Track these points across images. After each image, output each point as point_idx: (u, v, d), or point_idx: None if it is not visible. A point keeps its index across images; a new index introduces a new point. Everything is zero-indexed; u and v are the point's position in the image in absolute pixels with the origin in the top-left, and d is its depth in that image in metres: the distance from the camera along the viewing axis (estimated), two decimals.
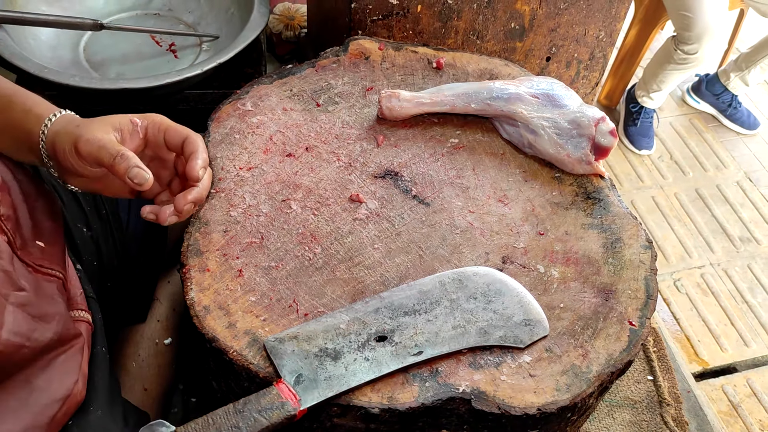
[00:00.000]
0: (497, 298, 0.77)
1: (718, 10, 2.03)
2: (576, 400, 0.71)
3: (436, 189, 0.90)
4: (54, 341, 0.62)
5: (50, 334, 0.62)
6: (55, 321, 0.63)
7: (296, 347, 0.70)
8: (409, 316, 0.75)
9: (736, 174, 2.34)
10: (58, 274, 0.69)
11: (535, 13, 1.23)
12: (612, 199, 0.90)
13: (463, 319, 0.75)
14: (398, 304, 0.76)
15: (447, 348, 0.72)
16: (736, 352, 1.84)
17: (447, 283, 0.78)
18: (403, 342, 0.72)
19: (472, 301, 0.77)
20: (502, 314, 0.76)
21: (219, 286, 0.77)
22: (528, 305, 0.77)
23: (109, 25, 1.25)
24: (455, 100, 0.95)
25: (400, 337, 0.73)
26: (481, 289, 0.78)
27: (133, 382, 0.94)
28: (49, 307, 0.63)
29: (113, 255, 0.85)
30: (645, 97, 2.34)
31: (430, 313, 0.75)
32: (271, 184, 0.88)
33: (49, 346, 0.62)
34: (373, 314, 0.74)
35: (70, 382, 0.63)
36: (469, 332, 0.74)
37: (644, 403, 1.05)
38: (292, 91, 1.00)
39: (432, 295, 0.77)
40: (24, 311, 0.59)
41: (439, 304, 0.76)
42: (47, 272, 0.67)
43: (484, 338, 0.74)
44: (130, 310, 0.95)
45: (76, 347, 0.65)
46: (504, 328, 0.75)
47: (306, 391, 0.67)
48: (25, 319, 0.59)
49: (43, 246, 0.69)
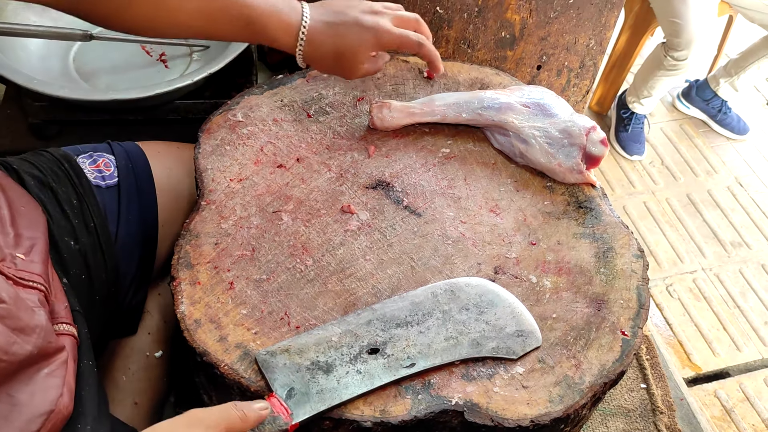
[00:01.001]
0: (489, 309, 0.77)
1: (707, 16, 2.05)
2: (569, 411, 0.70)
3: (428, 199, 0.90)
4: (34, 355, 0.61)
5: (30, 347, 0.61)
6: (36, 334, 0.62)
7: (288, 360, 0.70)
8: (402, 328, 0.74)
9: (726, 179, 2.35)
10: (39, 286, 0.68)
11: (525, 22, 1.23)
12: (603, 208, 0.90)
13: (456, 331, 0.75)
14: (390, 316, 0.75)
15: (440, 360, 0.72)
16: (728, 357, 1.84)
17: (439, 294, 0.78)
18: (395, 354, 0.72)
19: (464, 312, 0.76)
20: (495, 325, 0.76)
21: (210, 299, 0.76)
22: (520, 316, 0.77)
23: (99, 36, 1.24)
24: (446, 110, 0.95)
25: (392, 349, 0.72)
26: (474, 300, 0.78)
27: (124, 396, 0.93)
28: (29, 319, 0.62)
29: (101, 268, 0.84)
30: (636, 103, 2.35)
31: (422, 325, 0.75)
32: (262, 195, 0.88)
33: (29, 360, 0.61)
34: (365, 326, 0.74)
35: (54, 396, 0.62)
36: (461, 344, 0.74)
37: (638, 411, 1.05)
38: (283, 102, 0.99)
39: (424, 306, 0.77)
40: (2, 324, 0.58)
41: (432, 315, 0.76)
42: (28, 284, 0.67)
43: (477, 350, 0.74)
44: (120, 323, 0.94)
45: (59, 361, 0.65)
46: (496, 339, 0.75)
47: (298, 405, 0.66)
48: (3, 332, 0.58)
49: (23, 258, 0.68)
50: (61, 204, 0.82)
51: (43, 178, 0.82)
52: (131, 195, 0.90)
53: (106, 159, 0.90)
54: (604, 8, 1.25)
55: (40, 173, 0.82)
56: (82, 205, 0.84)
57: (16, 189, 0.77)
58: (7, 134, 1.27)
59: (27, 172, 0.82)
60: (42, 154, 0.87)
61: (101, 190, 0.88)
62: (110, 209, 0.87)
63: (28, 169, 0.82)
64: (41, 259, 0.71)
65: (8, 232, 0.70)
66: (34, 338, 0.62)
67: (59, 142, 1.27)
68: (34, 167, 0.83)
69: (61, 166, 0.86)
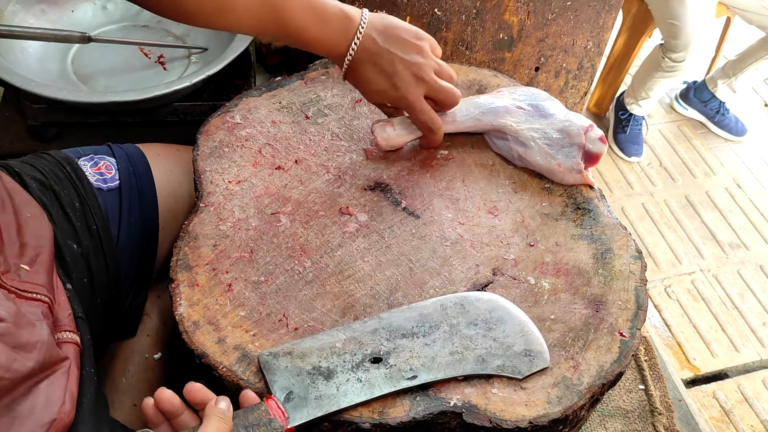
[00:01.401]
0: (498, 326, 0.75)
1: (704, 18, 2.05)
2: (567, 412, 0.70)
3: (426, 201, 0.90)
4: (35, 369, 0.61)
5: (32, 364, 0.60)
6: (37, 349, 0.61)
7: (290, 363, 0.70)
8: (407, 339, 0.73)
9: (724, 180, 2.35)
10: (43, 297, 0.67)
11: (523, 24, 1.23)
12: (601, 210, 0.90)
13: (462, 346, 0.73)
14: (397, 326, 0.74)
15: (443, 374, 0.71)
16: (727, 358, 1.85)
17: (449, 306, 0.76)
18: (398, 365, 0.71)
19: (472, 328, 0.75)
20: (502, 342, 0.74)
21: (208, 301, 0.76)
22: (530, 335, 0.75)
23: (97, 38, 1.24)
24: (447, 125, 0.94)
25: (395, 359, 0.71)
26: (483, 316, 0.76)
27: (123, 398, 0.93)
28: (30, 335, 0.61)
29: (103, 271, 0.84)
30: (634, 105, 2.36)
31: (428, 337, 0.74)
32: (261, 197, 0.88)
33: (31, 374, 0.61)
34: (370, 334, 0.73)
35: (56, 406, 0.62)
36: (466, 359, 0.72)
37: (636, 412, 1.05)
38: (281, 104, 1.00)
39: (432, 318, 0.75)
40: (2, 342, 0.58)
41: (439, 328, 0.75)
42: (31, 297, 0.66)
43: (482, 366, 0.72)
44: (119, 326, 0.94)
45: (61, 371, 0.64)
46: (503, 357, 0.73)
47: (295, 409, 0.66)
48: (3, 351, 0.58)
49: (28, 269, 0.68)
50: (64, 207, 0.81)
51: (45, 181, 0.82)
52: (132, 198, 0.90)
53: (107, 162, 0.90)
54: (602, 10, 1.25)
55: (41, 176, 0.82)
56: (84, 207, 0.84)
57: (22, 195, 0.77)
58: (5, 137, 1.27)
59: (29, 174, 0.81)
60: (43, 157, 0.87)
61: (103, 192, 0.88)
62: (111, 212, 0.87)
63: (29, 171, 0.82)
64: (46, 269, 0.71)
65: (14, 241, 0.70)
66: (35, 354, 0.61)
67: (58, 144, 1.27)
68: (35, 170, 0.83)
69: (63, 169, 0.86)
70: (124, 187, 0.89)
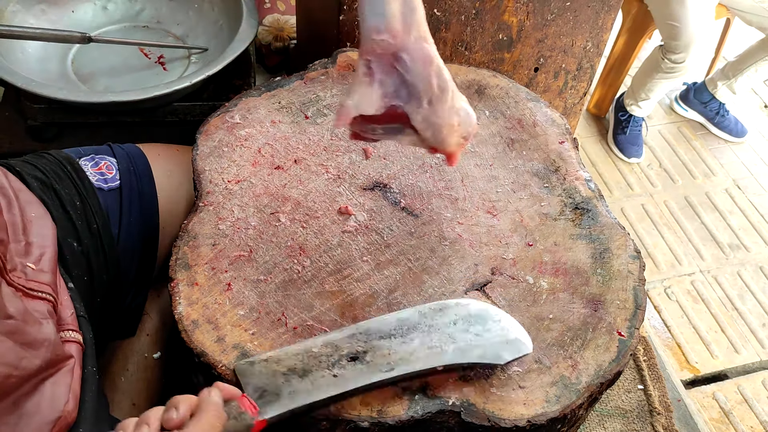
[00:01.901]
0: (479, 323, 0.75)
1: (704, 19, 2.05)
2: (566, 411, 0.71)
3: (425, 201, 0.90)
4: (42, 367, 0.61)
5: (39, 361, 0.61)
6: (44, 347, 0.62)
7: (264, 368, 0.69)
8: (384, 340, 0.73)
9: (724, 181, 2.35)
10: (48, 296, 0.68)
11: (522, 25, 1.23)
12: (600, 209, 0.91)
13: (440, 341, 0.73)
14: (374, 330, 0.73)
15: (421, 365, 0.70)
16: (726, 359, 1.84)
17: (427, 312, 0.76)
18: (374, 361, 0.70)
19: (451, 326, 0.74)
20: (483, 336, 0.74)
21: (207, 300, 0.77)
22: (511, 327, 0.75)
23: (98, 38, 1.25)
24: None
25: (372, 357, 0.71)
26: (463, 315, 0.76)
27: (122, 397, 0.93)
28: (37, 333, 0.62)
29: (103, 270, 0.84)
30: (633, 106, 2.36)
31: (406, 337, 0.73)
32: (260, 196, 0.88)
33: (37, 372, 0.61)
34: (347, 339, 0.72)
35: (61, 404, 0.62)
36: (445, 351, 0.72)
37: (635, 412, 1.05)
38: (281, 104, 1.00)
39: (410, 321, 0.75)
40: (11, 339, 0.58)
41: (416, 329, 0.74)
42: (37, 295, 0.66)
43: (462, 356, 0.72)
44: (119, 325, 0.95)
45: (65, 369, 0.64)
46: (483, 348, 0.73)
47: (268, 404, 0.65)
48: (12, 348, 0.58)
49: (33, 268, 0.68)
50: (65, 205, 0.82)
51: (46, 180, 0.82)
52: (133, 197, 0.90)
53: (108, 162, 0.91)
54: (601, 11, 1.25)
55: (42, 175, 0.83)
56: (84, 206, 0.84)
57: (27, 195, 0.77)
58: (5, 136, 1.27)
59: (30, 173, 0.82)
60: (44, 156, 0.87)
61: (103, 192, 0.88)
62: (112, 211, 0.88)
63: (30, 170, 0.83)
64: (50, 268, 0.71)
65: (20, 239, 0.70)
66: (42, 352, 0.62)
67: (58, 144, 1.28)
68: (36, 169, 0.83)
69: (64, 168, 0.86)
70: (124, 187, 0.90)
